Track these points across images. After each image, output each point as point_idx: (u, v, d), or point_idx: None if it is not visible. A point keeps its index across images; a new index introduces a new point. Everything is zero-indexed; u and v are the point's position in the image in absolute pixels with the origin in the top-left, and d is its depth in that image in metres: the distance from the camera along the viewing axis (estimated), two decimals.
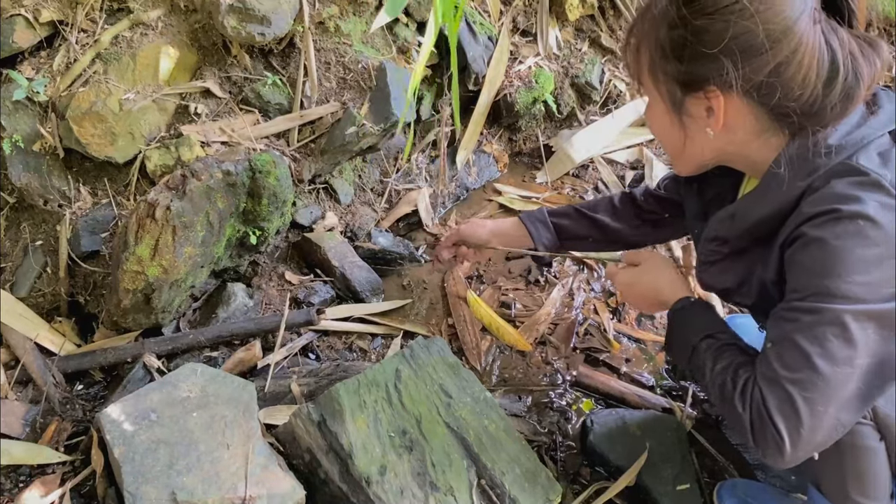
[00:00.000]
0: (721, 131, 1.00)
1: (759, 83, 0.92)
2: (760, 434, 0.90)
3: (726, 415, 0.98)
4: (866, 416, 0.99)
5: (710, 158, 1.08)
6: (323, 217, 1.92)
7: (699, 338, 1.07)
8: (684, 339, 1.11)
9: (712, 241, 1.11)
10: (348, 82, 1.84)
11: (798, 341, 0.88)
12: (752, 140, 1.00)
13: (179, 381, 1.30)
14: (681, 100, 1.01)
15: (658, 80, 1.03)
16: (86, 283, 1.64)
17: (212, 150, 1.65)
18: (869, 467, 1.01)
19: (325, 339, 1.73)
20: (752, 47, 0.90)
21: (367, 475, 1.16)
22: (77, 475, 1.31)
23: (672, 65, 0.98)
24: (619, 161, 2.45)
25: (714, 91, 0.96)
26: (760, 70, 0.91)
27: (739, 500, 1.32)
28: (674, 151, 1.12)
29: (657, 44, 0.99)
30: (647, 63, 1.03)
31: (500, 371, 1.69)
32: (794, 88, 0.91)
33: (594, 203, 1.54)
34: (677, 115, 1.04)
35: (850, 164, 0.91)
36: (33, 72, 1.61)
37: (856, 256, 0.86)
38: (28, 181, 1.60)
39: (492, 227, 1.59)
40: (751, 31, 0.90)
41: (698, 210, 1.24)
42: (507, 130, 2.43)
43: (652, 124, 1.13)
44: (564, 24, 2.47)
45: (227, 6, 1.59)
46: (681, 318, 1.15)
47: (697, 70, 0.95)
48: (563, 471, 1.44)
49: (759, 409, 0.90)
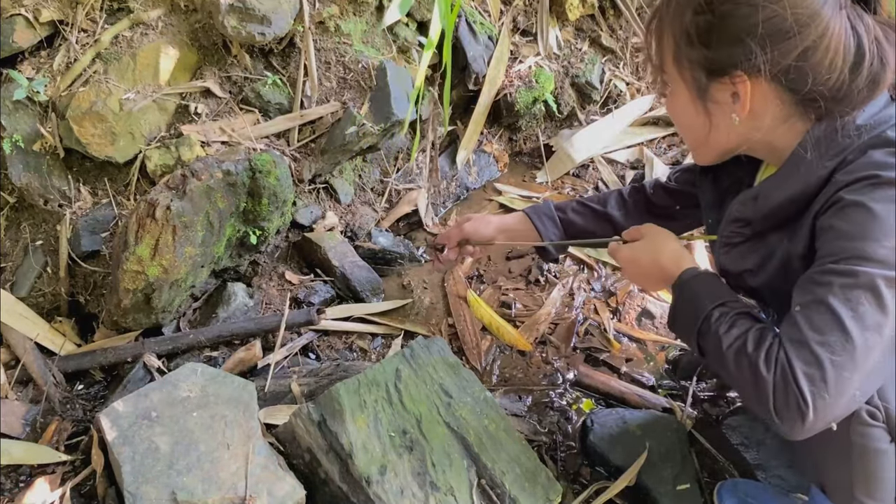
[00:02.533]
0: (747, 117, 0.99)
1: (786, 67, 0.92)
2: (783, 399, 0.85)
3: (742, 383, 0.90)
4: (879, 417, 0.97)
5: (735, 146, 1.07)
6: (323, 217, 1.92)
7: (712, 305, 1.00)
8: (693, 308, 1.03)
9: (734, 222, 1.09)
10: (348, 82, 1.84)
11: (830, 303, 0.85)
12: (777, 126, 0.99)
13: (179, 381, 1.30)
14: (706, 86, 1.00)
15: (683, 66, 1.01)
16: (86, 283, 1.64)
17: (212, 150, 1.65)
18: (877, 469, 0.99)
19: (325, 338, 1.73)
20: (779, 31, 0.90)
21: (367, 475, 1.16)
22: (77, 475, 1.31)
23: (698, 51, 0.97)
24: (620, 161, 2.45)
25: (741, 76, 0.95)
26: (788, 54, 0.91)
27: (739, 500, 1.32)
28: (697, 140, 1.10)
29: (682, 30, 0.98)
30: (671, 50, 1.02)
31: (501, 371, 1.69)
32: (822, 73, 0.91)
33: (602, 197, 1.50)
34: (702, 101, 1.02)
35: (885, 136, 0.91)
36: (33, 71, 1.61)
37: (894, 221, 0.84)
38: (28, 181, 1.60)
39: (497, 224, 1.53)
40: (779, 15, 0.89)
41: (714, 199, 1.22)
42: (508, 130, 2.43)
43: (675, 113, 1.11)
44: (565, 24, 2.47)
45: (227, 6, 1.59)
46: (689, 289, 1.08)
47: (724, 55, 0.95)
48: (563, 471, 1.44)
49: (784, 372, 0.85)
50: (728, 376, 0.95)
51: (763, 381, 0.87)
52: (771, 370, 0.86)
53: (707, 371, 1.66)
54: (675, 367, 1.69)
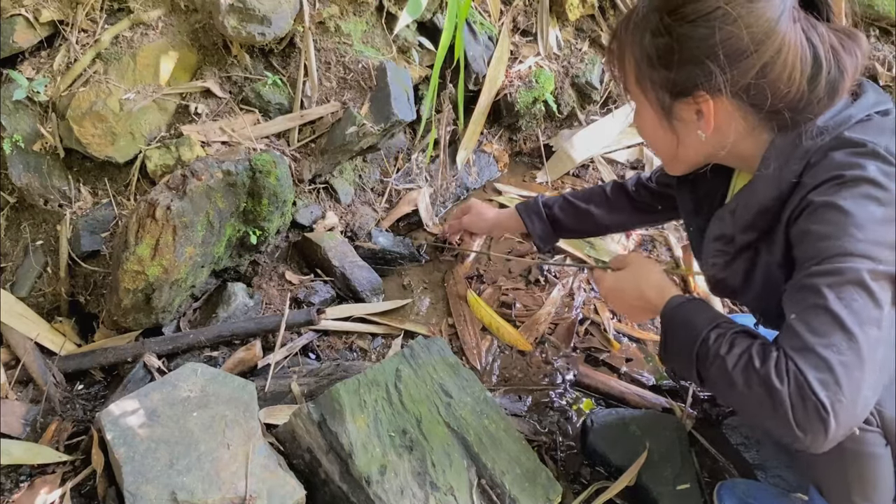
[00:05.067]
0: (713, 133, 1.01)
1: (746, 85, 0.93)
2: (801, 410, 0.82)
3: (755, 402, 0.87)
4: (872, 422, 0.98)
5: (704, 159, 1.09)
6: (323, 217, 1.92)
7: (707, 328, 0.97)
8: (686, 335, 1.01)
9: (717, 240, 1.11)
10: (348, 82, 1.84)
11: (824, 305, 0.84)
12: (743, 138, 1.02)
13: (180, 381, 1.30)
14: (670, 105, 1.02)
15: (646, 87, 1.04)
16: (86, 283, 1.64)
17: (212, 150, 1.65)
18: (873, 473, 1.00)
19: (325, 338, 1.73)
20: (737, 51, 0.92)
21: (367, 475, 1.16)
22: (77, 475, 1.31)
23: (659, 72, 0.99)
24: (620, 161, 2.45)
25: (703, 95, 0.97)
26: (747, 72, 0.92)
27: (739, 500, 1.32)
28: (666, 155, 1.13)
29: (642, 52, 1.01)
30: (633, 71, 1.05)
31: (501, 371, 1.69)
32: (781, 87, 0.92)
33: (587, 194, 1.62)
34: (667, 120, 1.05)
35: (844, 137, 0.92)
36: (33, 72, 1.61)
37: (866, 215, 0.85)
38: (28, 181, 1.60)
39: (493, 220, 1.73)
40: (735, 36, 0.91)
41: (693, 207, 1.25)
42: (508, 130, 2.43)
43: (642, 130, 1.13)
44: (565, 24, 2.47)
45: (227, 6, 1.59)
46: (677, 316, 1.06)
47: (685, 76, 0.97)
48: (563, 471, 1.44)
49: (797, 382, 0.83)
50: (738, 398, 0.91)
51: (778, 394, 0.84)
52: (784, 382, 0.84)
53: None
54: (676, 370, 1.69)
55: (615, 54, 1.07)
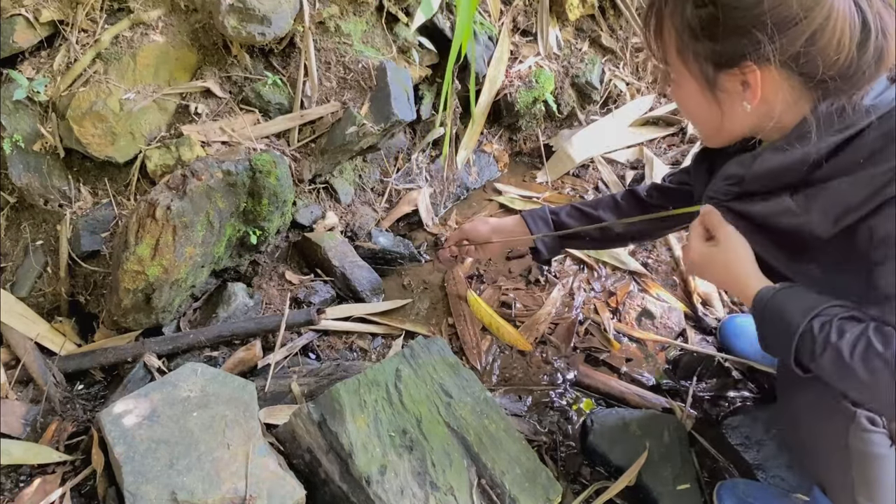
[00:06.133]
0: (758, 104, 0.98)
1: (795, 53, 0.90)
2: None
3: (882, 387, 0.84)
4: (878, 423, 0.97)
5: (748, 131, 1.06)
6: (323, 217, 1.92)
7: (805, 320, 0.92)
8: (782, 330, 0.96)
9: (726, 178, 1.08)
10: (348, 82, 1.84)
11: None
12: (788, 108, 0.98)
13: (180, 381, 1.30)
14: (714, 77, 0.99)
15: (688, 59, 1.00)
16: (86, 283, 1.64)
17: (212, 150, 1.65)
18: (879, 474, 0.99)
19: (325, 338, 1.73)
20: (786, 18, 0.89)
21: (367, 475, 1.16)
22: (77, 475, 1.31)
23: (703, 44, 0.96)
24: (620, 161, 2.45)
25: (750, 66, 0.94)
26: (796, 40, 0.89)
27: (739, 500, 1.32)
28: (709, 127, 1.09)
29: (684, 23, 0.97)
30: (673, 44, 1.00)
31: (501, 371, 1.69)
32: (830, 54, 0.89)
33: (596, 201, 1.53)
34: (711, 92, 1.01)
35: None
36: (33, 72, 1.61)
37: None
38: (28, 181, 1.60)
39: (493, 224, 1.60)
40: (784, 3, 0.88)
41: (707, 178, 1.21)
42: (508, 130, 2.43)
43: (683, 103, 1.10)
44: (565, 24, 2.47)
45: (227, 6, 1.59)
46: (774, 307, 0.99)
47: (731, 47, 0.93)
48: (563, 471, 1.44)
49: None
50: (860, 386, 0.88)
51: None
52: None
53: (706, 371, 1.66)
54: (675, 367, 1.69)
55: (653, 26, 1.03)
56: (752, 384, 1.64)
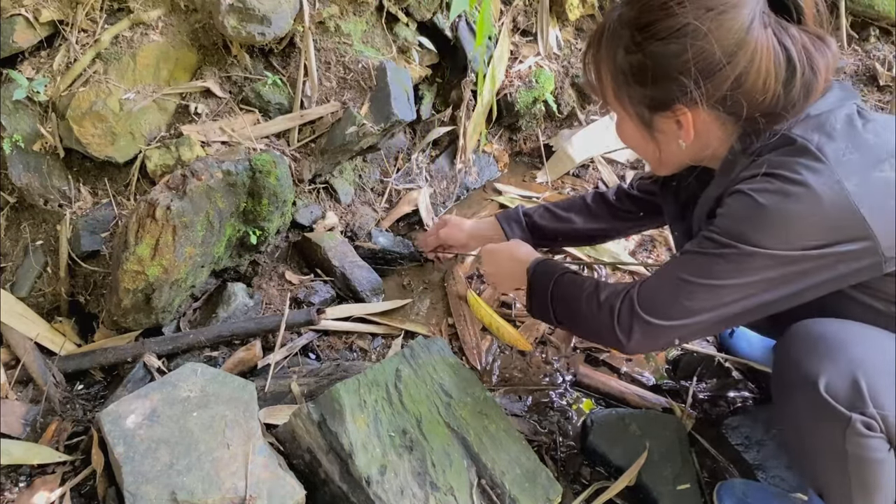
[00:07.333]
0: (693, 141, 1.03)
1: (722, 97, 0.95)
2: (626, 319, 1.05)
3: (599, 319, 1.09)
4: (875, 427, 0.96)
5: (688, 161, 1.13)
6: (323, 217, 1.92)
7: (559, 273, 1.21)
8: (546, 279, 1.23)
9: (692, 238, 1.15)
10: (348, 82, 1.84)
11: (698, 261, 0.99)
12: (723, 143, 1.04)
13: (179, 381, 1.30)
14: (650, 119, 1.04)
15: (624, 102, 1.05)
16: (86, 283, 1.64)
17: (212, 150, 1.65)
18: (876, 478, 0.98)
19: (325, 338, 1.73)
20: (710, 65, 0.93)
21: (367, 475, 1.16)
22: (77, 475, 1.31)
23: (636, 89, 1.01)
24: (620, 161, 2.45)
25: (681, 108, 0.99)
26: (722, 84, 0.94)
27: (739, 500, 1.32)
28: (652, 161, 1.17)
29: (617, 68, 1.02)
30: (610, 86, 1.06)
31: (501, 371, 1.69)
32: (756, 95, 0.94)
33: (568, 203, 1.62)
34: (648, 131, 1.07)
35: (785, 134, 0.95)
36: (33, 72, 1.61)
37: (778, 213, 0.90)
38: (28, 181, 1.60)
39: (469, 228, 1.72)
40: (707, 51, 0.92)
41: (676, 212, 1.28)
42: (508, 130, 2.43)
43: (625, 139, 1.16)
44: (565, 24, 2.47)
45: (227, 6, 1.59)
46: (539, 272, 1.27)
47: (662, 92, 0.98)
48: (563, 471, 1.44)
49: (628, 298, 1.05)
50: (588, 319, 1.13)
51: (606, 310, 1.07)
52: (618, 300, 1.06)
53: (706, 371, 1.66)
54: (675, 367, 1.69)
55: (591, 68, 1.09)
56: (752, 384, 1.64)
